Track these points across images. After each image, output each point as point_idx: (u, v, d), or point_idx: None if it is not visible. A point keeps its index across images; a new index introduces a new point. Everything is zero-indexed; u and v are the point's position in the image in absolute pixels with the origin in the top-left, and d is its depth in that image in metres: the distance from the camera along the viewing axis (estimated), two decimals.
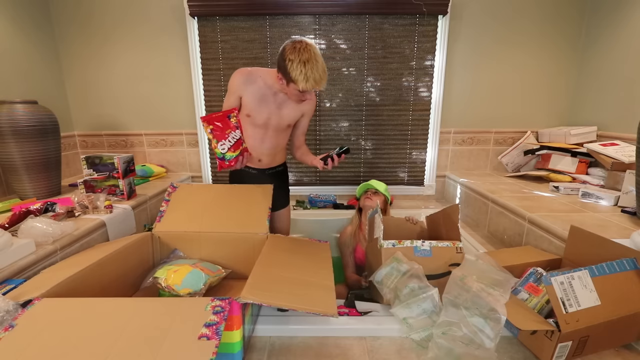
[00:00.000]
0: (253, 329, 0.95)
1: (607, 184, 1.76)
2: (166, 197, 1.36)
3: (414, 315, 0.94)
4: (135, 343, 0.63)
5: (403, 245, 1.11)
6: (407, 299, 0.95)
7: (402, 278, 1.00)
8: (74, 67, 2.23)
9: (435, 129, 2.32)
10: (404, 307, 0.95)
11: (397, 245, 1.11)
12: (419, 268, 0.99)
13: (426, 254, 1.10)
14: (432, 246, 1.12)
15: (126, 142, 2.37)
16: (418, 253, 1.10)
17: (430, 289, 0.95)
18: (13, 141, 1.49)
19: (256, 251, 1.11)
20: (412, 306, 0.94)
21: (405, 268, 1.01)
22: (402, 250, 1.09)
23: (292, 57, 1.14)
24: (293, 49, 1.15)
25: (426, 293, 0.94)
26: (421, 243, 1.12)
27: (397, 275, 1.01)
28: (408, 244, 1.11)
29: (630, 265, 0.91)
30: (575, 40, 2.18)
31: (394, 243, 1.12)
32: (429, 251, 1.11)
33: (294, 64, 1.14)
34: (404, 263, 1.03)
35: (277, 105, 1.37)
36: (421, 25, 2.13)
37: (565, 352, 0.83)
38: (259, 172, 1.52)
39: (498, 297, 0.85)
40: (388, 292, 1.02)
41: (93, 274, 0.96)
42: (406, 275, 0.99)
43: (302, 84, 1.16)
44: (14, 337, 0.64)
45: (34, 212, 1.26)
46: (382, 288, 1.03)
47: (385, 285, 1.03)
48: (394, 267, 1.03)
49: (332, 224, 2.11)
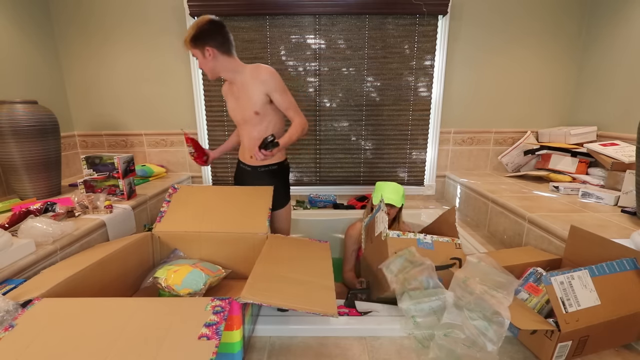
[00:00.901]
0: (253, 329, 0.95)
1: (607, 184, 1.76)
2: (167, 198, 1.36)
3: (423, 314, 0.93)
4: (135, 343, 0.63)
5: (407, 237, 1.13)
6: (419, 296, 0.94)
7: (413, 271, 0.99)
8: (74, 67, 2.23)
9: (435, 129, 2.32)
10: (414, 304, 0.94)
11: (402, 236, 1.12)
12: (431, 265, 0.97)
13: (428, 247, 1.12)
14: (433, 240, 1.14)
15: (126, 142, 2.37)
16: (421, 245, 1.12)
17: (445, 291, 0.93)
18: (13, 141, 1.49)
19: (256, 251, 1.11)
20: (423, 305, 0.93)
21: (418, 262, 1.00)
22: (406, 241, 1.11)
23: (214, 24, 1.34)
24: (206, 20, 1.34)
25: (439, 295, 0.92)
26: (423, 236, 1.14)
27: (409, 267, 1.00)
28: (411, 236, 1.13)
29: (630, 265, 0.91)
30: (575, 40, 2.18)
31: (398, 234, 1.13)
32: (431, 244, 1.13)
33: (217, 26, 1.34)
34: (417, 257, 1.02)
35: (235, 97, 1.43)
36: (421, 25, 2.13)
37: (565, 352, 0.83)
38: (252, 169, 1.52)
39: (501, 299, 0.84)
40: (396, 282, 1.01)
41: (93, 274, 0.96)
42: (417, 269, 0.98)
43: None
44: (14, 337, 0.64)
45: (34, 212, 1.26)
46: (391, 277, 1.02)
47: (394, 274, 1.02)
48: (406, 259, 1.03)
49: (332, 224, 2.11)
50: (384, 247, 1.12)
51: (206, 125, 2.32)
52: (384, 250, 1.11)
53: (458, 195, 2.20)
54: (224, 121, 2.29)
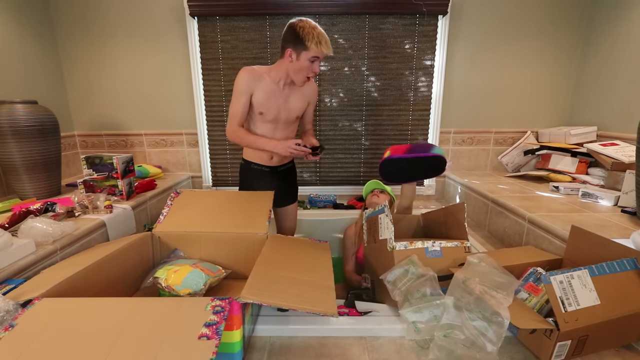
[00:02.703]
0: (253, 329, 0.95)
1: (607, 184, 1.76)
2: (169, 201, 1.36)
3: (424, 320, 0.92)
4: (135, 343, 0.63)
5: (415, 247, 1.08)
6: (419, 303, 0.94)
7: (416, 282, 0.97)
8: (74, 67, 2.23)
9: (435, 129, 2.32)
10: (414, 310, 0.93)
11: (409, 247, 1.08)
12: (433, 275, 0.96)
13: (437, 255, 1.08)
14: (442, 246, 1.09)
15: (126, 142, 2.37)
16: (429, 254, 1.08)
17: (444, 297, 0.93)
18: (13, 141, 1.50)
19: (256, 251, 1.11)
20: (424, 311, 0.93)
21: (421, 272, 0.99)
22: (414, 252, 1.06)
23: (302, 25, 1.24)
24: (300, 21, 1.25)
25: (440, 300, 0.92)
26: (431, 244, 1.09)
27: (412, 278, 0.99)
28: (419, 245, 1.08)
29: (630, 265, 0.91)
30: (575, 40, 2.18)
31: (405, 245, 1.08)
32: (440, 252, 1.09)
33: (306, 30, 1.23)
34: (420, 267, 1.01)
35: (284, 98, 1.41)
36: (421, 25, 2.13)
37: (565, 352, 0.83)
38: (271, 169, 1.53)
39: (501, 300, 0.84)
40: (398, 294, 1.00)
41: (93, 274, 0.96)
42: (420, 280, 0.97)
43: (316, 47, 1.23)
44: (14, 337, 0.64)
45: (34, 212, 1.26)
46: (393, 289, 1.01)
47: (396, 286, 1.01)
48: (408, 270, 1.01)
49: (332, 224, 2.11)
50: (390, 258, 1.08)
51: (206, 125, 2.32)
52: (390, 261, 1.08)
53: (458, 195, 2.20)
54: (224, 121, 2.29)
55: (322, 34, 1.24)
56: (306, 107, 1.51)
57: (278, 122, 1.44)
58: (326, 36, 1.26)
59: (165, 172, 2.41)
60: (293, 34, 1.25)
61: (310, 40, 1.22)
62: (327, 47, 1.25)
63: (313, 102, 1.53)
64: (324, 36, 1.25)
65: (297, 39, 1.24)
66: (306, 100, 1.48)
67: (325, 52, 1.26)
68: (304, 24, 1.24)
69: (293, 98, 1.43)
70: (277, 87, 1.38)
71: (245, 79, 1.33)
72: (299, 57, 1.27)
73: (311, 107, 1.53)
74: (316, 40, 1.22)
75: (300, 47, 1.25)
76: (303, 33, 1.23)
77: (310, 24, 1.24)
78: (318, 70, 1.33)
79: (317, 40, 1.23)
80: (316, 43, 1.23)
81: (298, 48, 1.26)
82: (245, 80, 1.33)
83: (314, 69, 1.31)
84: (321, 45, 1.23)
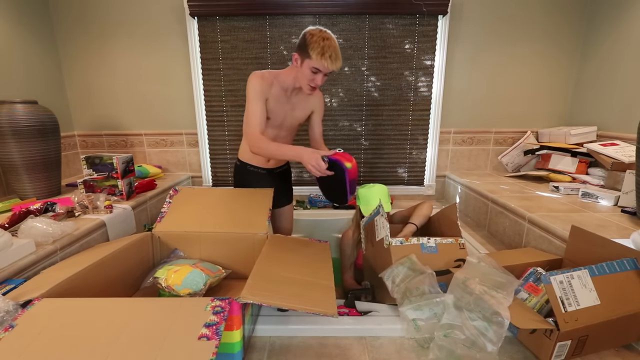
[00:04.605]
0: (253, 329, 0.95)
1: (607, 184, 1.76)
2: (168, 199, 1.36)
3: (424, 317, 0.92)
4: (135, 343, 0.63)
5: (410, 243, 1.11)
6: (418, 300, 0.94)
7: (414, 280, 0.98)
8: (74, 67, 2.23)
9: (435, 129, 2.32)
10: (414, 308, 0.93)
11: (405, 243, 1.11)
12: (431, 273, 0.98)
13: (432, 251, 1.11)
14: (437, 243, 1.13)
15: (126, 142, 2.37)
16: (425, 250, 1.11)
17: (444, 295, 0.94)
18: (13, 141, 1.49)
19: (256, 251, 1.11)
20: (424, 308, 0.93)
21: (419, 270, 1.00)
22: (410, 248, 1.10)
23: (313, 33, 1.20)
24: (316, 29, 1.22)
25: (440, 298, 0.92)
26: (427, 240, 1.13)
27: (411, 276, 1.00)
28: (415, 242, 1.12)
29: (630, 265, 0.91)
30: (575, 40, 2.18)
31: (401, 240, 1.12)
32: (435, 247, 1.12)
33: (314, 38, 1.19)
34: (418, 265, 1.02)
35: (291, 105, 1.40)
36: (421, 25, 2.13)
37: (565, 352, 0.83)
38: (267, 171, 1.53)
39: (501, 300, 0.84)
40: (397, 292, 1.01)
41: (93, 274, 0.96)
42: (418, 278, 0.98)
43: (317, 58, 1.18)
44: (14, 337, 0.64)
45: (34, 212, 1.26)
46: (392, 287, 1.02)
47: (395, 284, 1.02)
48: (407, 267, 1.02)
49: (332, 224, 2.11)
50: (387, 255, 1.11)
51: (206, 125, 2.32)
52: (387, 258, 1.10)
53: (458, 195, 2.20)
54: (223, 121, 2.29)
55: (330, 47, 1.18)
56: (309, 115, 1.49)
57: (282, 128, 1.44)
58: (336, 51, 1.19)
59: (165, 172, 2.41)
60: (302, 40, 1.22)
61: (314, 50, 1.17)
62: (331, 62, 1.19)
63: (318, 111, 1.49)
64: (333, 50, 1.18)
65: (303, 46, 1.21)
66: (309, 109, 1.47)
67: (326, 65, 1.19)
68: (315, 32, 1.20)
69: (298, 106, 1.43)
70: (285, 94, 1.36)
71: (259, 84, 1.29)
72: (302, 64, 1.24)
73: (317, 116, 1.50)
74: (320, 51, 1.17)
75: (304, 55, 1.21)
76: (310, 40, 1.19)
77: (322, 35, 1.19)
78: (319, 82, 1.26)
79: (321, 52, 1.17)
80: (319, 54, 1.17)
81: (303, 55, 1.22)
82: (260, 86, 1.29)
83: (316, 81, 1.25)
84: (323, 57, 1.17)
